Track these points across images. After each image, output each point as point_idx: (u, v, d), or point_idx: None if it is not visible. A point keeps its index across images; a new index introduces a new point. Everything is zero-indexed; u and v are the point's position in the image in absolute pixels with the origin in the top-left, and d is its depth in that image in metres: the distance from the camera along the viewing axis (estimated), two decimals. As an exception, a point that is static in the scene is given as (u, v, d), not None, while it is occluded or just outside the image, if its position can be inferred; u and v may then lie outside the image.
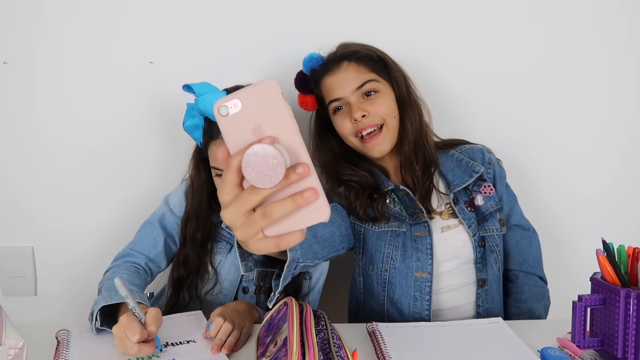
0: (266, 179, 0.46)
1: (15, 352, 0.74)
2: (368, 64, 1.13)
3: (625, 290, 0.77)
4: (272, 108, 0.48)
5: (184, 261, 1.16)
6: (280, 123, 0.48)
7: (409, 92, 1.17)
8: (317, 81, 1.17)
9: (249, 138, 0.48)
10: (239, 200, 0.48)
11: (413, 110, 1.16)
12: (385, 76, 1.15)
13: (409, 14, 1.36)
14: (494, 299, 1.14)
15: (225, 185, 0.48)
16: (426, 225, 1.11)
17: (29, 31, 1.33)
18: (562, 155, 1.43)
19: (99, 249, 1.41)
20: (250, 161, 0.46)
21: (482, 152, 1.21)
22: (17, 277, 1.44)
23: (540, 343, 0.87)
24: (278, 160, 0.45)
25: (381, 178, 1.16)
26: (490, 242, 1.14)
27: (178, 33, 1.35)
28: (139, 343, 0.82)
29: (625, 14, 1.38)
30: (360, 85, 1.11)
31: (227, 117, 0.48)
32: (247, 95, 0.48)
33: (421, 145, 1.16)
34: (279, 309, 0.90)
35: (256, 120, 0.48)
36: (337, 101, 1.13)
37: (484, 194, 1.15)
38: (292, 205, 0.46)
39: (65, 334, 0.92)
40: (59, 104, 1.37)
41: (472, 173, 1.16)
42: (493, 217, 1.15)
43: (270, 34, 1.35)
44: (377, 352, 0.86)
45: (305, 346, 0.72)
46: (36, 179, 1.40)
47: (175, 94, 1.34)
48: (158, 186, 1.37)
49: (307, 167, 0.47)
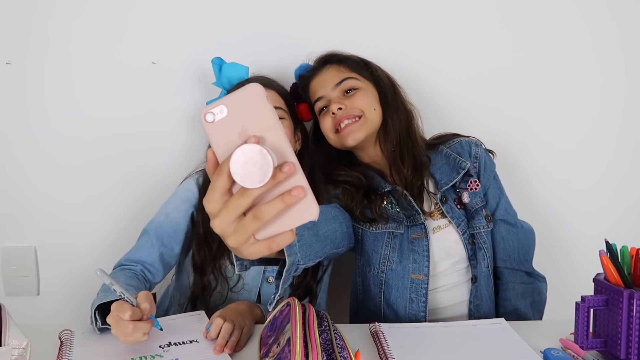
0: (255, 178, 0.46)
1: (18, 352, 0.74)
2: (349, 65, 1.18)
3: (628, 291, 0.77)
4: (257, 111, 0.49)
5: (205, 239, 1.16)
6: (266, 125, 0.49)
7: (395, 94, 1.20)
8: (304, 87, 1.22)
9: (236, 142, 0.48)
10: (228, 207, 0.48)
11: (398, 111, 1.17)
12: (368, 75, 1.18)
13: (410, 15, 1.36)
14: (482, 295, 1.13)
15: (214, 193, 0.48)
16: (423, 227, 1.11)
17: (34, 31, 1.34)
18: (558, 151, 1.43)
19: (101, 249, 1.41)
20: (238, 161, 0.46)
21: (470, 145, 1.20)
22: (20, 277, 1.44)
23: (543, 344, 0.87)
24: (266, 159, 0.46)
25: (378, 180, 1.16)
26: (478, 239, 1.13)
27: (183, 33, 1.35)
28: (133, 321, 0.83)
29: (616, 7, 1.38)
30: (339, 82, 1.15)
31: (213, 124, 0.49)
32: (232, 100, 0.49)
33: (409, 146, 1.16)
34: (281, 310, 0.90)
35: (242, 124, 0.48)
36: (320, 100, 1.17)
37: (470, 190, 1.15)
38: (281, 204, 0.47)
39: (69, 334, 0.92)
40: (61, 104, 1.37)
41: (459, 169, 1.15)
42: (479, 214, 1.14)
43: (272, 34, 1.36)
44: (380, 353, 0.86)
45: (309, 346, 0.72)
46: (38, 179, 1.40)
47: (180, 92, 1.35)
48: (158, 185, 1.37)
49: (293, 165, 0.47)
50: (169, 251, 1.17)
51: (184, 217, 1.18)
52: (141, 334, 0.84)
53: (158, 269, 1.15)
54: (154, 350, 0.88)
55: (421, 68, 1.37)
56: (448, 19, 1.37)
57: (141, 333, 0.84)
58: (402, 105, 1.20)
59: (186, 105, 1.37)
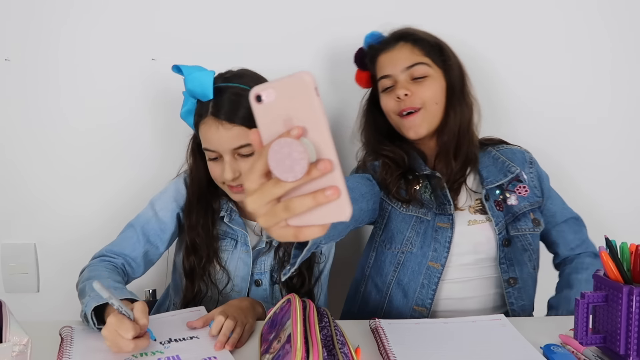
0: (289, 173, 0.47)
1: (19, 348, 0.74)
2: (423, 48, 1.14)
3: (627, 287, 0.77)
4: (304, 101, 0.48)
5: (193, 248, 1.15)
6: (311, 117, 0.48)
7: (462, 85, 1.18)
8: (372, 57, 1.20)
9: (280, 129, 0.48)
10: (262, 190, 0.49)
11: (462, 104, 1.16)
12: (440, 63, 1.15)
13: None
14: (530, 296, 1.15)
15: (252, 173, 0.49)
16: (450, 218, 1.12)
17: (32, 27, 1.33)
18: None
19: (102, 246, 1.40)
20: (274, 152, 0.47)
21: (523, 154, 1.22)
22: (20, 273, 1.44)
23: (543, 340, 0.87)
24: (302, 155, 0.46)
25: (418, 162, 1.17)
26: (523, 241, 1.14)
27: (182, 29, 1.35)
28: (133, 339, 0.82)
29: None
30: (410, 65, 1.12)
31: (261, 105, 0.49)
32: (281, 86, 0.48)
33: (465, 141, 1.16)
34: (282, 306, 0.90)
35: (288, 112, 0.48)
36: (386, 78, 1.15)
37: (519, 194, 1.16)
38: (312, 202, 0.47)
39: (69, 330, 0.92)
40: (60, 101, 1.37)
41: (507, 173, 1.16)
42: (526, 217, 1.15)
43: (272, 33, 1.36)
44: (380, 349, 0.86)
45: (309, 342, 0.72)
46: (38, 175, 1.40)
47: (179, 88, 1.34)
48: (159, 179, 1.37)
49: (330, 163, 0.47)
50: (153, 249, 1.15)
51: (171, 217, 1.17)
52: (138, 350, 0.84)
53: (140, 265, 1.13)
54: (154, 347, 0.88)
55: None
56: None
57: (138, 349, 0.84)
58: (467, 99, 1.18)
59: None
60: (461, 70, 1.19)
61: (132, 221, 1.16)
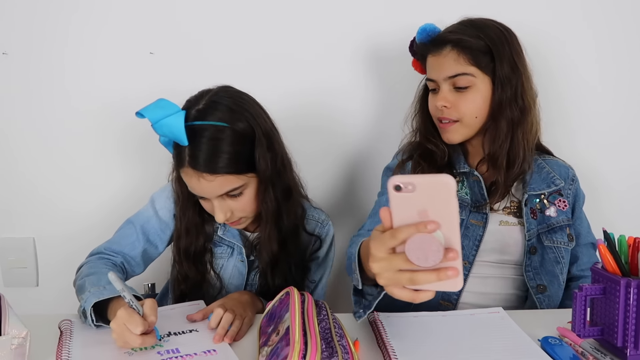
0: (426, 261, 0.58)
1: (18, 341, 0.75)
2: (470, 55, 1.08)
3: (625, 280, 0.78)
4: (443, 201, 0.57)
5: (183, 278, 1.12)
6: (446, 214, 0.57)
7: (516, 96, 1.08)
8: (422, 55, 1.19)
9: (414, 217, 0.58)
10: (390, 261, 0.61)
11: (513, 111, 1.08)
12: (488, 72, 1.08)
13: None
14: (556, 305, 1.14)
15: (382, 247, 0.61)
16: (484, 217, 1.12)
17: (31, 21, 1.33)
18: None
19: (101, 240, 1.40)
20: (413, 242, 0.58)
21: (567, 169, 1.20)
22: (19, 268, 1.44)
23: (540, 332, 0.87)
24: (438, 249, 0.57)
25: (459, 158, 1.16)
26: (557, 253, 1.13)
27: (182, 23, 1.34)
28: (141, 335, 0.81)
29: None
30: (453, 75, 1.09)
31: (399, 194, 0.58)
32: (424, 183, 0.57)
33: (518, 153, 1.09)
34: (280, 299, 0.90)
35: (425, 206, 0.57)
36: (431, 82, 1.15)
37: (558, 207, 1.15)
38: (435, 279, 0.58)
39: (68, 324, 0.92)
40: (58, 96, 1.37)
41: (550, 184, 1.15)
42: (562, 231, 1.14)
43: (273, 32, 1.35)
44: (379, 341, 0.86)
45: (308, 335, 0.72)
46: (37, 170, 1.40)
47: (179, 83, 1.34)
48: (159, 175, 1.37)
49: (457, 253, 0.58)
50: (153, 248, 1.14)
51: (170, 217, 1.15)
52: (144, 345, 0.83)
53: (139, 264, 1.12)
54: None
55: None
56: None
57: (145, 345, 0.83)
58: (523, 104, 1.09)
59: (186, 96, 1.36)
60: (519, 78, 1.09)
61: (131, 218, 1.15)
